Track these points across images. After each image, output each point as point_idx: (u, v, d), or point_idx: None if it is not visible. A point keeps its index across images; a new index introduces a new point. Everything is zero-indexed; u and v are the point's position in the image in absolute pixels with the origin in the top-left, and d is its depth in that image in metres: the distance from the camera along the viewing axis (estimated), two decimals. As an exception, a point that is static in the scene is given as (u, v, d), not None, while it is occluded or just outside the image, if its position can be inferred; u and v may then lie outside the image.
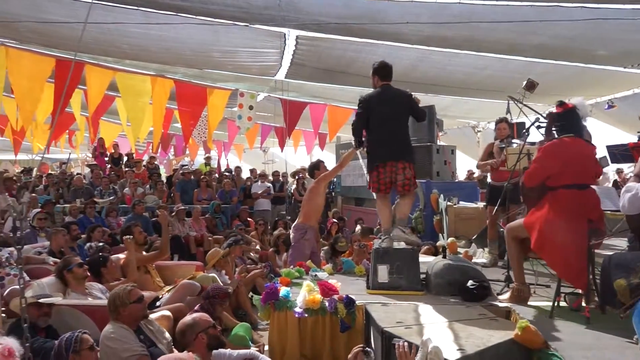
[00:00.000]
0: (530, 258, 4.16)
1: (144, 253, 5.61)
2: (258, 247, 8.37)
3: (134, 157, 13.26)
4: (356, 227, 8.48)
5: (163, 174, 13.90)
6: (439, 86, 9.21)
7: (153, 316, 3.71)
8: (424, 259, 4.73)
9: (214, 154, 17.26)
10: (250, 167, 15.55)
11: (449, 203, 6.89)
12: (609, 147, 7.41)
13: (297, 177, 11.76)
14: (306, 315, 3.69)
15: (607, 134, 10.53)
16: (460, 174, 11.99)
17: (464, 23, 5.90)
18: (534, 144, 4.83)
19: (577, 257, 3.21)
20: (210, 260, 5.85)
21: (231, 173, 13.29)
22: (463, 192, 7.67)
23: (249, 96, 10.79)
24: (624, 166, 10.41)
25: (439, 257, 4.40)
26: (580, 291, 3.42)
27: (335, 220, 8.70)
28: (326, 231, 8.40)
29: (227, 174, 13.21)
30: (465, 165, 13.50)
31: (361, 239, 6.68)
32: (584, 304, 3.30)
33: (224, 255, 5.94)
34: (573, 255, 3.22)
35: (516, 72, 7.65)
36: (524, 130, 4.31)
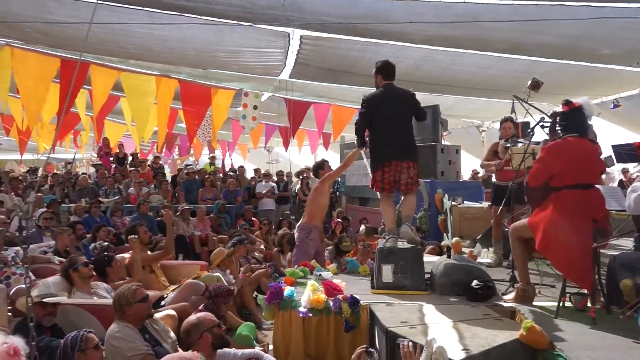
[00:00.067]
0: (535, 258, 4.14)
1: (148, 252, 5.64)
2: (262, 246, 8.39)
3: (139, 157, 13.33)
4: (360, 226, 8.47)
5: (168, 174, 13.92)
6: (443, 85, 9.18)
7: (158, 315, 3.72)
8: (428, 258, 4.71)
9: (219, 153, 17.27)
10: (255, 166, 15.57)
11: (453, 203, 6.86)
12: (614, 147, 7.34)
13: (301, 177, 11.78)
14: (310, 315, 3.70)
15: (612, 133, 10.46)
16: (465, 174, 11.98)
17: (468, 22, 5.87)
18: (539, 143, 4.81)
19: (581, 257, 3.19)
20: (215, 260, 5.86)
21: (235, 173, 13.32)
22: (467, 191, 7.63)
23: (253, 96, 10.81)
24: (629, 166, 10.35)
25: (444, 257, 4.40)
26: (586, 291, 3.40)
27: (339, 220, 8.69)
28: (330, 231, 8.40)
29: (231, 173, 13.22)
30: (470, 164, 13.46)
31: (365, 238, 6.68)
32: (589, 304, 3.28)
33: (228, 254, 5.95)
34: (578, 255, 3.20)
35: (521, 71, 7.61)
36: (529, 130, 4.30)
